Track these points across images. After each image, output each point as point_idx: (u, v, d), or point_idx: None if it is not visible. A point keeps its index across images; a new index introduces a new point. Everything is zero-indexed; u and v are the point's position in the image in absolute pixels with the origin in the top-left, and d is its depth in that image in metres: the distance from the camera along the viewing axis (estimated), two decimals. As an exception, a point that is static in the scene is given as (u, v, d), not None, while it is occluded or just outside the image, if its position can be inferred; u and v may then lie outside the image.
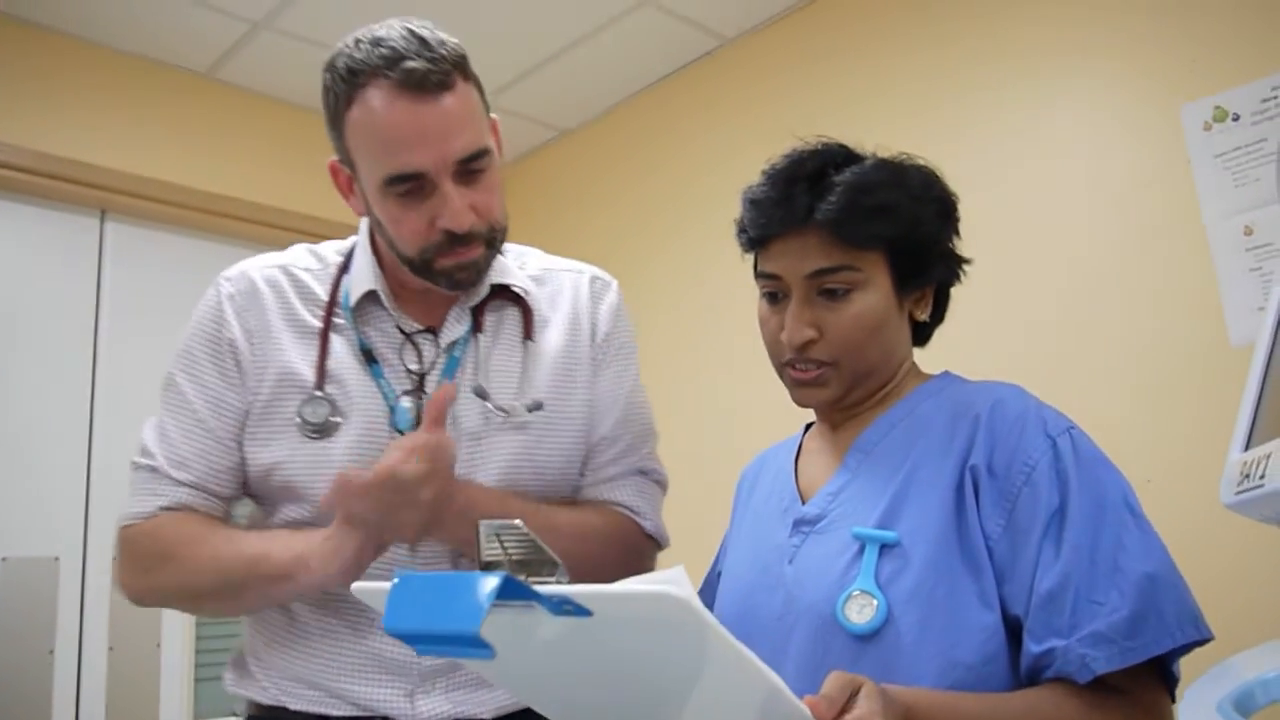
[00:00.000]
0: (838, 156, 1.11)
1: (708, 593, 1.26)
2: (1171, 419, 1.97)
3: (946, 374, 1.17)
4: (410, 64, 1.14)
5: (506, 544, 0.80)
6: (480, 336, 1.32)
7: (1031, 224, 2.28)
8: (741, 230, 1.15)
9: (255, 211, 3.04)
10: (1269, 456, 0.70)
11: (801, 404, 1.14)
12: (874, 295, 1.07)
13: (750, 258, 1.16)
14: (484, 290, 1.33)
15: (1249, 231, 1.96)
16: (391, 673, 1.22)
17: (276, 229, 3.08)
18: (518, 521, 0.81)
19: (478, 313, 1.33)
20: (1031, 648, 0.92)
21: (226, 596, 1.25)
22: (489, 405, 1.28)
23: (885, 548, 0.99)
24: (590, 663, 0.80)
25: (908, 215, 1.07)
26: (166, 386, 1.32)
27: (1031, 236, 2.27)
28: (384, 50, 1.15)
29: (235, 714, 2.77)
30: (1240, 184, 1.99)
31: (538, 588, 0.67)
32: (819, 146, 1.13)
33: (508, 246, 1.39)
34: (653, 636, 0.71)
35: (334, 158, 1.28)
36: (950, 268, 1.15)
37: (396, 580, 0.69)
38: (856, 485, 1.08)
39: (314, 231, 3.12)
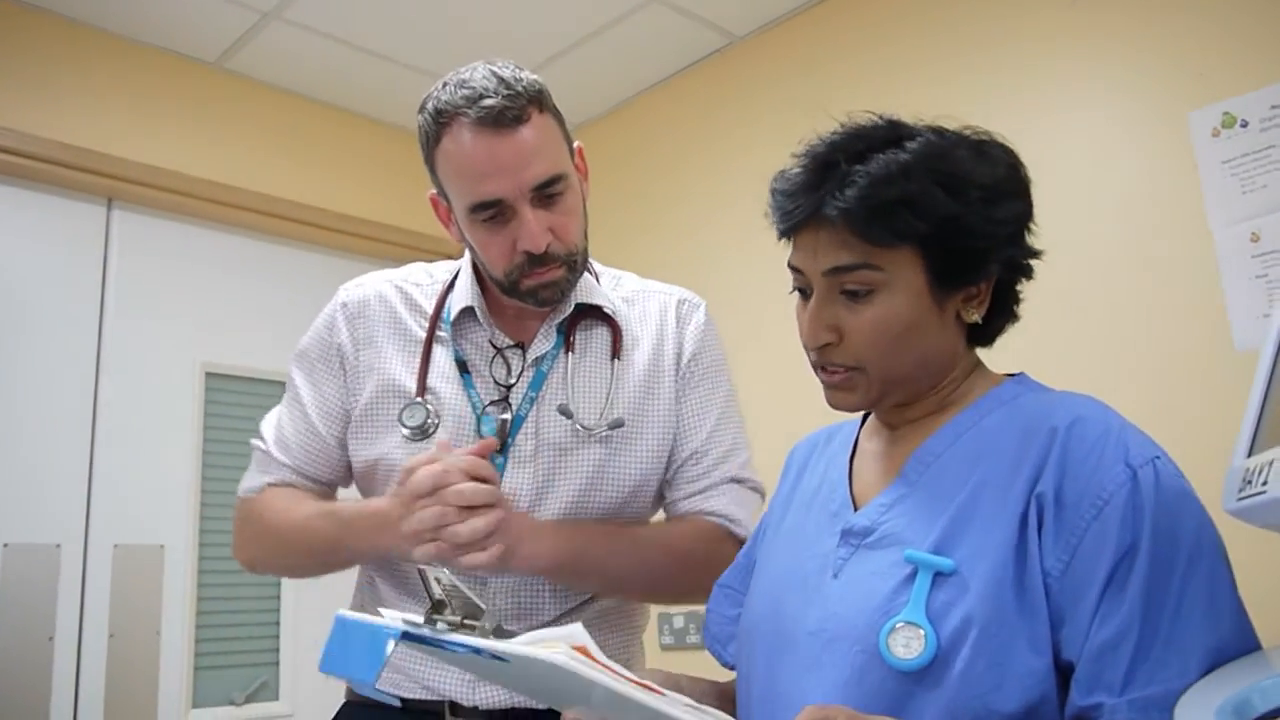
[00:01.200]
0: (876, 139, 0.99)
1: (740, 576, 1.21)
2: (1176, 423, 1.96)
3: (1022, 378, 1.06)
4: (488, 101, 1.25)
5: (444, 587, 0.86)
6: (570, 354, 1.41)
7: (1038, 229, 2.27)
8: (772, 219, 1.05)
9: (262, 202, 3.03)
10: (1271, 463, 0.70)
11: (833, 407, 1.05)
12: (901, 296, 0.96)
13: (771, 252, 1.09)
14: (569, 308, 1.41)
15: (1255, 238, 1.95)
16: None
17: (284, 220, 3.09)
18: (445, 571, 0.90)
19: (568, 331, 1.42)
20: (1077, 700, 0.84)
21: (317, 555, 1.40)
22: (572, 422, 1.36)
23: (939, 575, 0.89)
24: (550, 686, 0.85)
25: (938, 209, 0.94)
26: (288, 381, 1.48)
27: (1037, 241, 2.26)
28: (466, 91, 1.26)
29: (234, 702, 2.78)
30: (1248, 190, 1.98)
31: (444, 636, 0.74)
32: (859, 127, 1.01)
33: (604, 268, 1.52)
34: (566, 683, 0.75)
35: (432, 191, 1.39)
36: (1012, 262, 1.03)
37: (334, 623, 0.76)
38: (913, 500, 0.98)
39: (319, 223, 3.14)
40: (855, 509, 1.03)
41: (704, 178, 3.03)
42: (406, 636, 0.71)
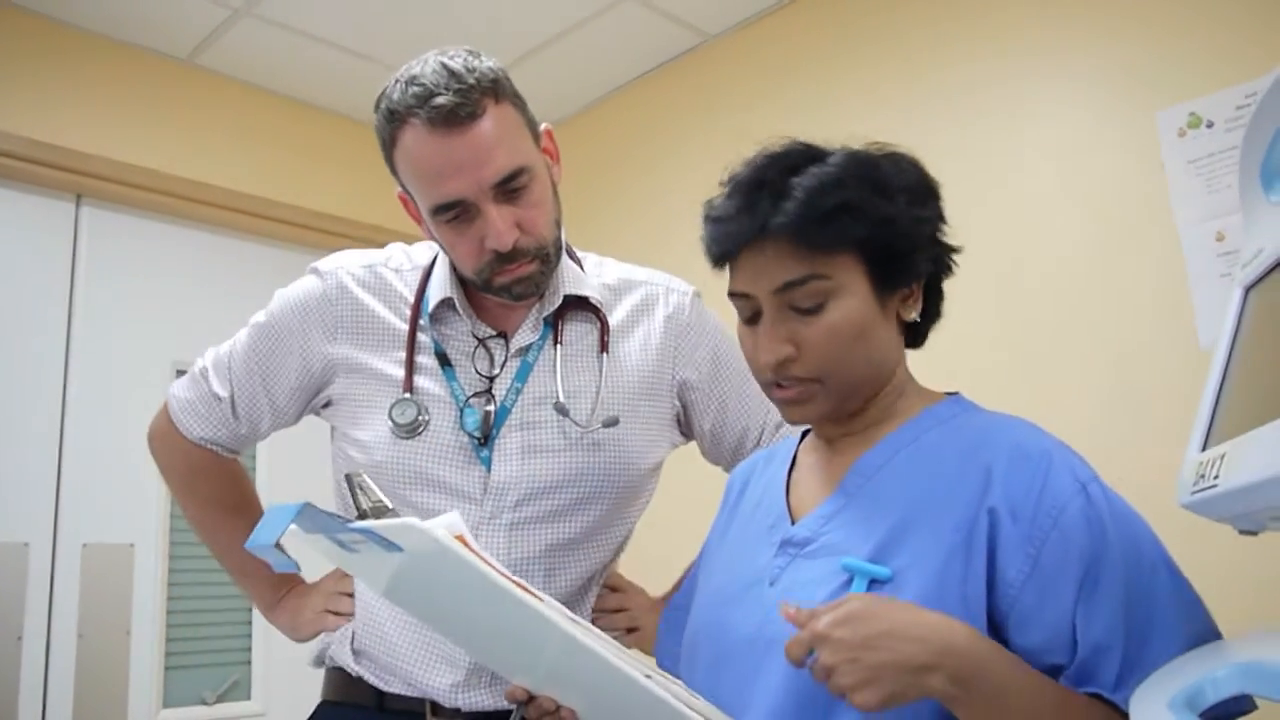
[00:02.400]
0: (799, 158, 1.02)
1: (688, 597, 1.23)
2: (1142, 421, 1.99)
3: (957, 398, 1.09)
4: (439, 100, 1.19)
5: (369, 495, 0.92)
6: (559, 347, 1.37)
7: (1006, 228, 2.29)
8: (707, 248, 1.08)
9: (233, 199, 3.01)
10: (1223, 457, 0.71)
11: (792, 422, 1.08)
12: (851, 302, 0.99)
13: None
14: (557, 300, 1.37)
15: (1220, 237, 1.97)
16: (446, 663, 1.30)
17: (255, 217, 3.07)
18: (363, 474, 0.99)
19: (556, 322, 1.38)
20: None
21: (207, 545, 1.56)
22: (567, 420, 1.33)
23: (875, 583, 0.93)
24: (455, 604, 0.91)
25: (875, 211, 0.98)
26: (254, 333, 1.46)
27: (1006, 240, 2.28)
28: (416, 89, 1.21)
29: (205, 702, 2.76)
30: (1213, 190, 2.00)
31: (337, 519, 0.79)
32: (779, 150, 1.05)
33: (586, 255, 1.48)
34: (444, 571, 0.82)
35: (399, 190, 1.35)
36: (938, 259, 1.07)
37: (266, 509, 0.82)
38: (851, 511, 1.01)
39: (291, 220, 3.12)
40: (793, 522, 1.06)
41: (677, 177, 3.03)
42: (308, 511, 0.76)
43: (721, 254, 1.05)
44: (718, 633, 1.05)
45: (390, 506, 0.96)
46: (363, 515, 0.96)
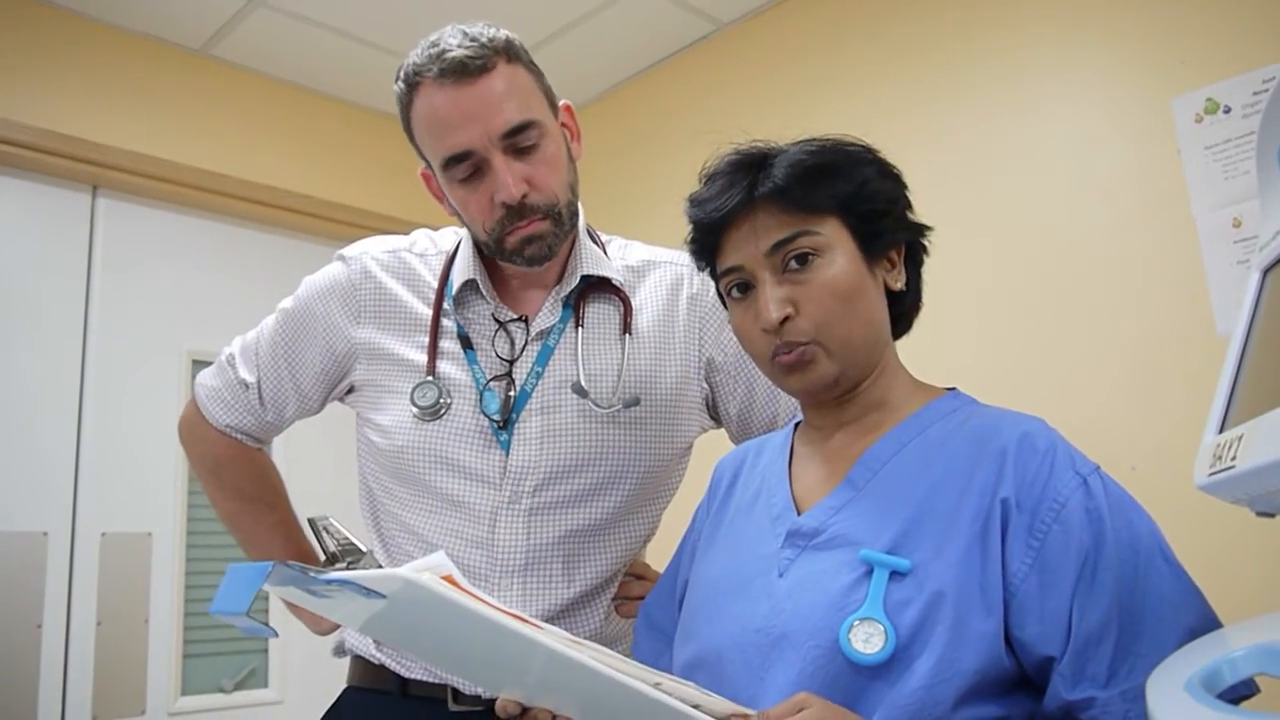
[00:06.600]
0: (769, 147, 1.08)
1: (665, 599, 1.22)
2: (1159, 408, 1.98)
3: (955, 393, 1.10)
4: (451, 54, 1.24)
5: (335, 536, 0.89)
6: (580, 330, 1.37)
7: (1022, 214, 2.28)
8: (692, 240, 1.11)
9: (248, 189, 3.03)
10: (1240, 438, 0.71)
11: (798, 391, 1.06)
12: (841, 258, 1.01)
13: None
14: (575, 280, 1.38)
15: (1237, 224, 1.97)
16: None
17: (269, 207, 3.08)
18: (336, 523, 0.90)
19: (577, 305, 1.39)
20: (1063, 693, 0.88)
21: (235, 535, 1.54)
22: (587, 402, 1.33)
23: (894, 574, 0.93)
24: (444, 639, 0.87)
25: (853, 174, 1.03)
26: (280, 322, 1.47)
27: (1022, 227, 2.28)
28: (432, 51, 1.25)
29: (223, 690, 2.79)
30: (1230, 176, 1.99)
31: (312, 573, 0.74)
32: (745, 147, 1.10)
33: (611, 238, 1.50)
34: (432, 612, 0.78)
35: (422, 166, 1.36)
36: (913, 234, 1.09)
37: (226, 572, 0.78)
38: (863, 503, 1.00)
39: (305, 210, 3.13)
40: (799, 513, 1.05)
41: (691, 164, 3.02)
42: (279, 570, 0.73)
43: (711, 229, 1.07)
44: (721, 627, 1.03)
45: (361, 547, 0.93)
46: (331, 558, 0.94)
